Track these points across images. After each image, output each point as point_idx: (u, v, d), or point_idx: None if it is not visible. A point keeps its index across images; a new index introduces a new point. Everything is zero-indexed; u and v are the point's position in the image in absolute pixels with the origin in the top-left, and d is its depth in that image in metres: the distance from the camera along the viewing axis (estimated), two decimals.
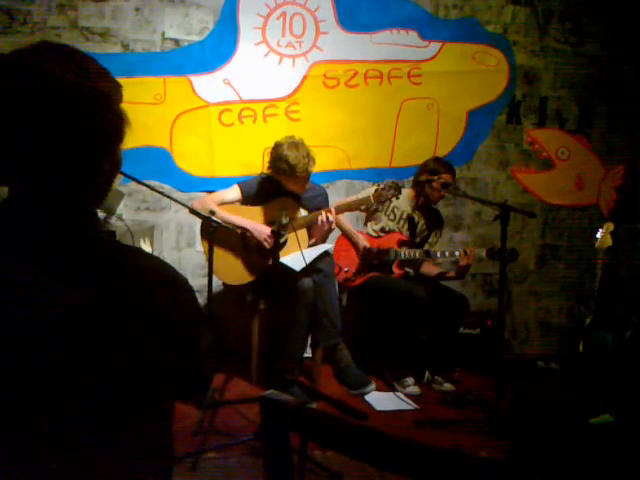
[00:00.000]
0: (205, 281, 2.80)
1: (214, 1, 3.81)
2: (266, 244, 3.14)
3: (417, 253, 3.49)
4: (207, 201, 3.23)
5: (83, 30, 3.67)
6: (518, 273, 4.21)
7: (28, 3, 3.57)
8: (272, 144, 3.25)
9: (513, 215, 2.91)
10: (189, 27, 3.80)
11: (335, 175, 4.03)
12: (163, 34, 3.76)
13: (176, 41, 3.79)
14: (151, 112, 3.69)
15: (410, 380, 3.31)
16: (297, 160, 3.08)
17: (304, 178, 3.16)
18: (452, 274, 3.56)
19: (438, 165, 3.51)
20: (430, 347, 3.38)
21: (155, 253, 3.58)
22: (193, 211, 2.84)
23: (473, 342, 3.60)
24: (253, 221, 3.21)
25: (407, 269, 3.58)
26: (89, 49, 3.65)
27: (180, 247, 3.84)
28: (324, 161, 3.81)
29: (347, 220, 3.68)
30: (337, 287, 3.37)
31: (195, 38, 3.81)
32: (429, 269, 3.63)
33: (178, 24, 3.79)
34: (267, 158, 3.31)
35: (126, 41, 3.72)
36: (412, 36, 4.09)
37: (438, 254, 3.44)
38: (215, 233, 2.74)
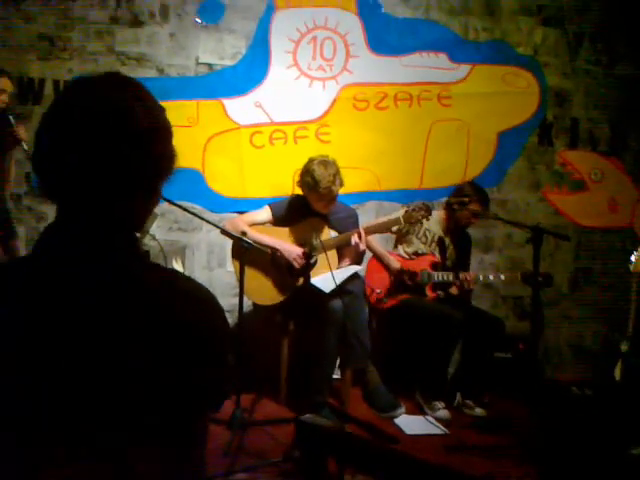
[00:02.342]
0: (235, 301, 2.82)
1: (246, 27, 3.89)
2: (296, 264, 3.16)
3: (450, 276, 3.48)
4: (238, 222, 3.26)
5: (120, 55, 3.77)
6: (551, 296, 4.14)
7: (68, 30, 3.69)
8: (302, 166, 3.29)
9: (545, 237, 2.88)
10: (222, 52, 3.88)
11: (365, 196, 4.05)
12: (197, 59, 3.85)
13: (210, 65, 3.87)
14: (184, 134, 3.76)
15: (440, 404, 3.27)
16: (322, 177, 3.11)
17: (327, 197, 3.17)
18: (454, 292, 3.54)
19: (472, 191, 3.50)
20: (462, 370, 3.34)
21: (186, 272, 3.62)
22: (225, 232, 2.88)
23: (505, 366, 3.54)
24: (283, 241, 3.24)
25: (439, 292, 3.56)
26: (125, 73, 3.74)
27: (211, 267, 3.88)
28: (354, 182, 3.83)
29: (378, 242, 3.67)
30: (367, 309, 3.36)
31: (228, 62, 3.89)
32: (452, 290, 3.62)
33: (212, 49, 3.87)
34: (297, 178, 3.34)
35: (161, 66, 3.81)
36: (442, 58, 4.11)
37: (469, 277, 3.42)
38: (246, 254, 2.77)
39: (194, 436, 0.91)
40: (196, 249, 3.87)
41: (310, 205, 3.26)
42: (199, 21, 3.81)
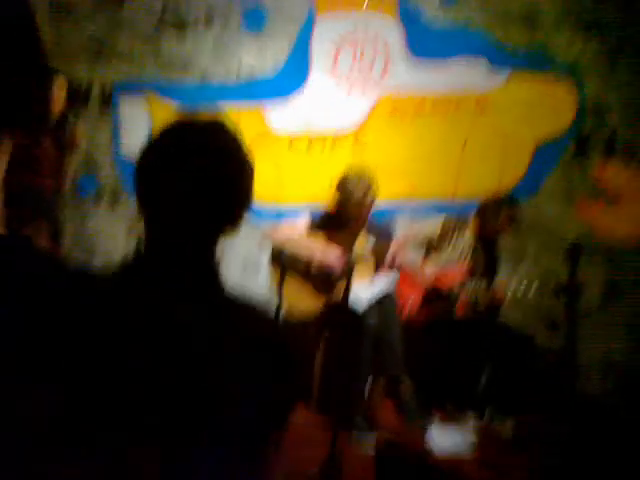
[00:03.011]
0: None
1: (288, 32, 3.94)
2: (336, 268, 3.20)
3: (482, 286, 3.51)
4: (277, 231, 3.33)
5: (164, 59, 3.85)
6: (582, 310, 4.15)
7: (116, 34, 3.77)
8: (339, 173, 3.34)
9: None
10: (264, 58, 3.93)
11: (400, 205, 4.09)
12: (240, 64, 3.90)
13: (252, 71, 3.92)
14: None
15: (470, 417, 3.32)
16: (355, 190, 3.16)
17: (359, 210, 3.22)
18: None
19: (503, 200, 3.52)
20: (492, 384, 3.39)
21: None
22: (263, 241, 2.94)
23: (536, 380, 3.57)
24: (322, 247, 3.29)
25: (470, 302, 3.59)
26: (170, 79, 3.83)
27: (246, 275, 3.95)
28: (390, 190, 3.87)
29: (409, 253, 3.71)
30: (400, 319, 3.41)
31: (269, 68, 3.94)
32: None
33: (254, 55, 3.92)
34: (334, 189, 3.39)
35: (204, 71, 3.88)
36: (481, 65, 4.11)
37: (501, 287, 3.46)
38: (285, 264, 2.84)
39: (268, 453, 0.95)
40: (232, 257, 3.94)
41: (347, 216, 3.32)
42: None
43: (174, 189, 0.94)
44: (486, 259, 3.69)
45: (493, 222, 3.53)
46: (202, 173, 0.95)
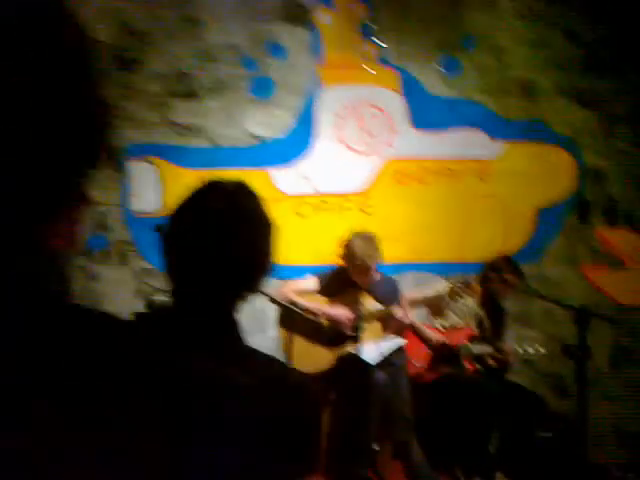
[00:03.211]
0: None
1: (294, 101, 4.08)
2: (346, 328, 3.19)
3: (488, 348, 3.48)
4: (285, 290, 3.33)
5: (174, 125, 3.96)
6: (590, 375, 4.09)
7: (128, 99, 3.90)
8: (345, 236, 3.39)
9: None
10: (271, 125, 4.06)
11: (405, 267, 4.10)
12: (247, 130, 4.02)
13: (259, 137, 4.04)
14: None
15: None
16: (360, 251, 3.19)
17: (364, 270, 3.23)
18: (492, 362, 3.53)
19: (504, 264, 3.55)
20: (502, 448, 3.29)
21: None
22: (274, 300, 2.93)
23: (547, 446, 3.48)
24: (332, 306, 3.29)
25: (478, 365, 3.55)
26: (179, 142, 3.93)
27: (253, 332, 3.92)
28: (394, 253, 3.90)
29: (416, 313, 3.70)
30: (409, 382, 3.36)
31: (276, 135, 4.06)
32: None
33: (261, 122, 4.05)
34: (340, 250, 3.42)
35: (213, 136, 3.99)
36: (480, 135, 4.24)
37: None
38: (294, 322, 2.82)
39: None
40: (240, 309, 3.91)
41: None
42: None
43: (201, 252, 0.97)
44: (492, 322, 3.68)
45: (497, 285, 3.54)
46: (230, 237, 0.97)
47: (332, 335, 3.26)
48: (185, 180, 3.79)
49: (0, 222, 0.46)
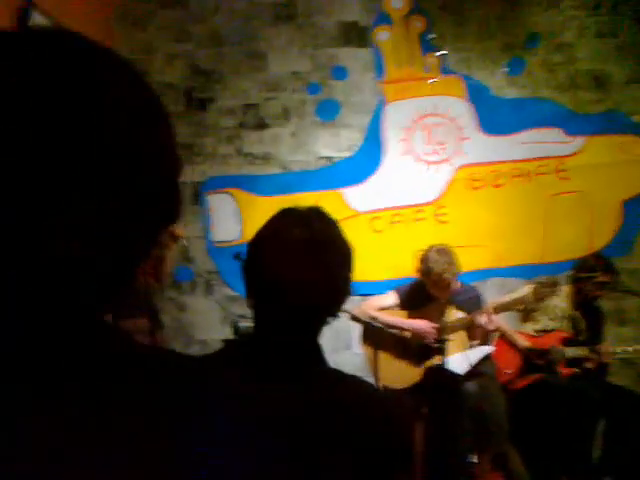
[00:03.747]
0: None
1: (361, 120, 4.13)
2: (430, 340, 3.17)
3: (584, 350, 3.36)
4: (366, 307, 3.36)
5: (247, 155, 4.11)
6: None
7: (202, 136, 4.09)
8: (421, 247, 3.39)
9: None
10: (339, 145, 4.13)
11: (486, 273, 4.04)
12: (316, 153, 4.12)
13: (328, 158, 4.12)
14: None
15: None
16: (435, 264, 3.16)
17: (440, 283, 3.20)
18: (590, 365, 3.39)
19: (597, 263, 3.43)
20: (608, 453, 3.16)
21: None
22: (355, 317, 2.97)
23: None
24: (414, 320, 3.29)
25: (576, 369, 3.43)
26: (252, 171, 4.08)
27: (337, 349, 3.97)
28: (474, 261, 3.86)
29: (502, 320, 3.63)
30: (501, 390, 3.29)
31: (345, 154, 4.12)
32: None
33: (329, 143, 4.13)
34: (417, 264, 3.42)
35: (284, 162, 4.11)
36: (555, 133, 4.12)
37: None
38: (378, 337, 2.84)
39: None
40: (323, 332, 3.97)
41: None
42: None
43: (279, 282, 0.99)
44: (588, 322, 3.55)
45: (590, 285, 3.43)
46: (309, 266, 0.99)
47: (417, 348, 3.26)
48: (261, 207, 3.91)
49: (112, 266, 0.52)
